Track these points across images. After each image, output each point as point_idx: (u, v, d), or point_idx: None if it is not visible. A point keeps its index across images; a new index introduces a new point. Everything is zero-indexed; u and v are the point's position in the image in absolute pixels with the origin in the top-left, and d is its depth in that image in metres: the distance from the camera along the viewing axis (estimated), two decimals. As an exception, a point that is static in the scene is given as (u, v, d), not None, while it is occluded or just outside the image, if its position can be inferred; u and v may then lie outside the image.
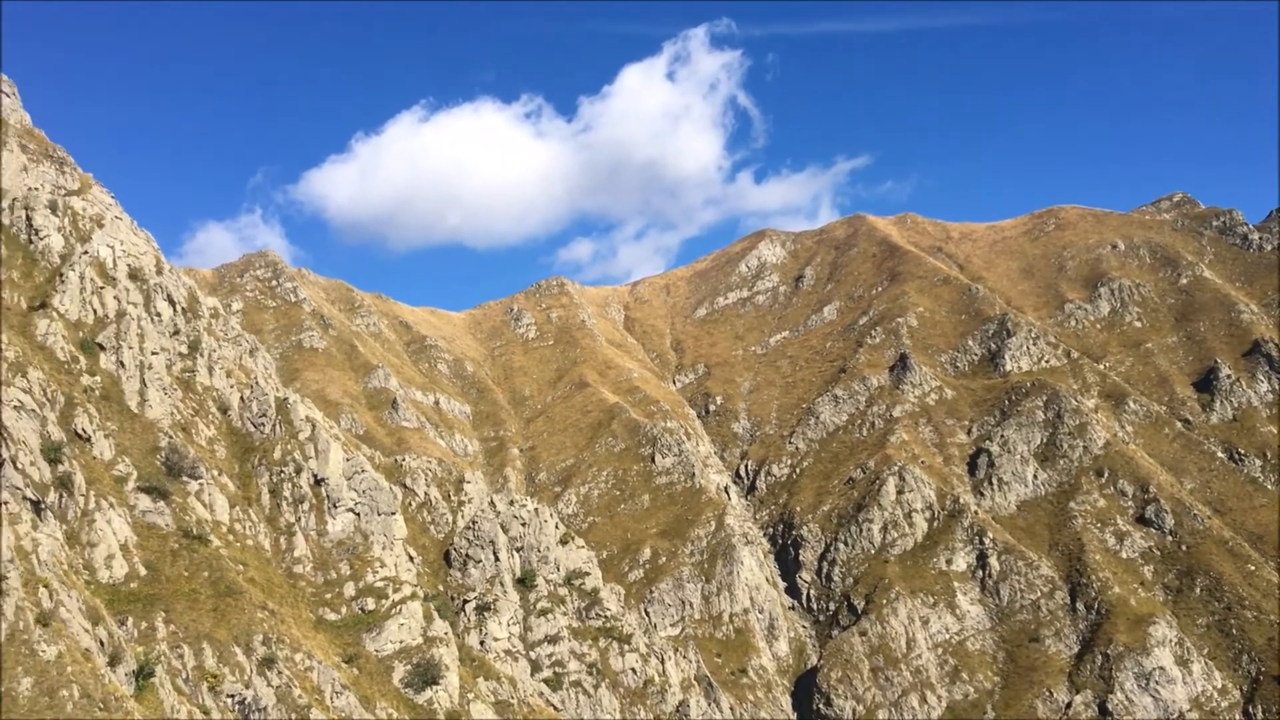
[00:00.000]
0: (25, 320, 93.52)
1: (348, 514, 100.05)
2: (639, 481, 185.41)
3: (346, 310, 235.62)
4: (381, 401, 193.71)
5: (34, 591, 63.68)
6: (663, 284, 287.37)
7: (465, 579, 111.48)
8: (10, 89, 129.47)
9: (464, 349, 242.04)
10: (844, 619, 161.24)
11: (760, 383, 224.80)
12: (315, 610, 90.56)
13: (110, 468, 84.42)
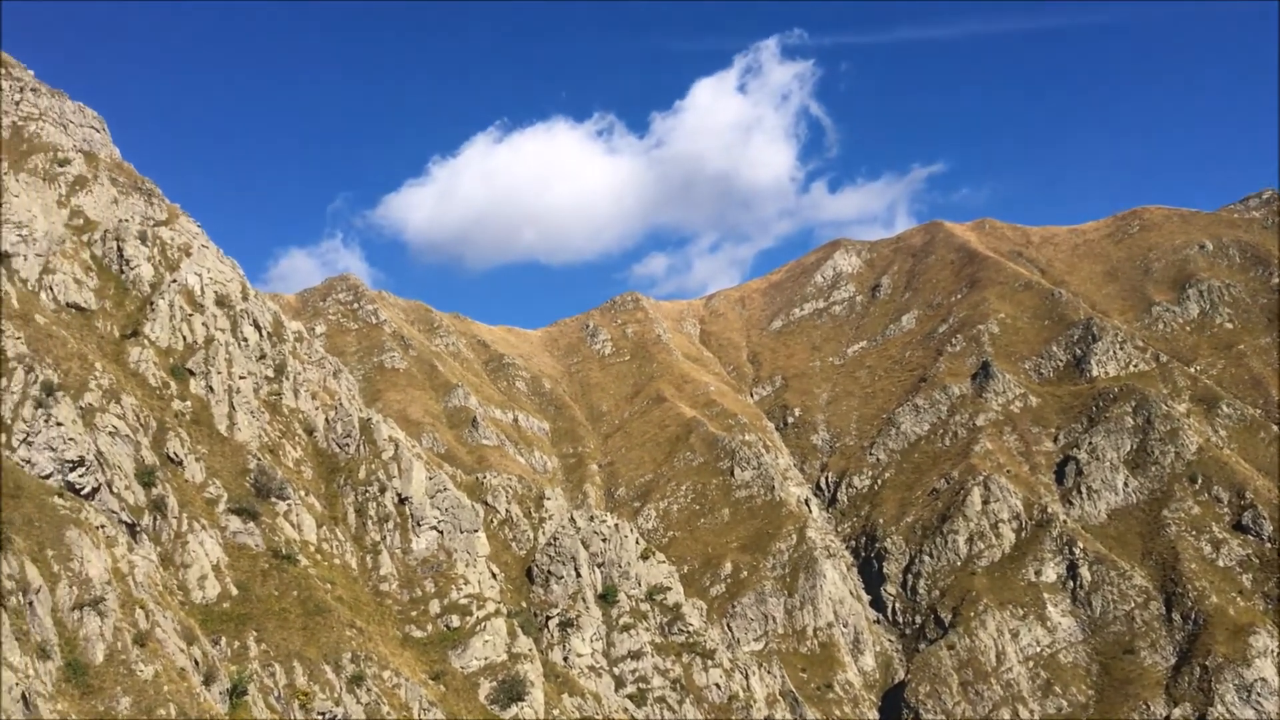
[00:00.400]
0: (118, 348, 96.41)
1: (431, 532, 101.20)
2: (718, 495, 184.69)
3: (426, 331, 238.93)
4: (461, 420, 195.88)
5: (131, 612, 65.42)
6: (737, 297, 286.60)
7: (547, 595, 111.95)
8: (99, 124, 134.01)
9: (541, 366, 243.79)
10: (931, 632, 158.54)
11: (839, 394, 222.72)
12: (401, 628, 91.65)
13: (201, 490, 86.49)
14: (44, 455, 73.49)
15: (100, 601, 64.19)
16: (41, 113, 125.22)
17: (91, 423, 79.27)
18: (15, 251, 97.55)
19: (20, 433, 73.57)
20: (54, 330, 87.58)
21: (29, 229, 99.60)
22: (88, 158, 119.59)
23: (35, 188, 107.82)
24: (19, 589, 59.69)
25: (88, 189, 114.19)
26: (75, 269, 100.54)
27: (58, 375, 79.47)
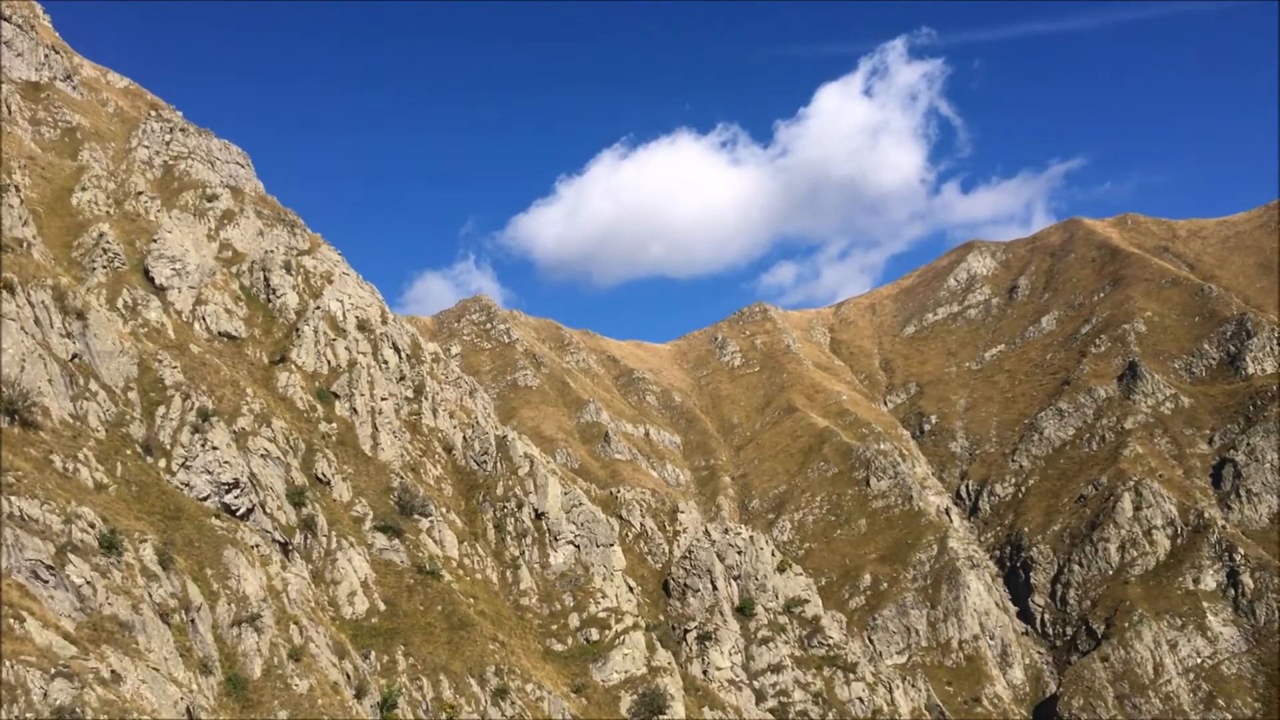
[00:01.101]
0: (267, 374, 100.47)
1: (568, 546, 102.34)
2: (854, 506, 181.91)
3: (556, 348, 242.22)
4: (594, 435, 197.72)
5: (285, 628, 67.86)
6: (867, 303, 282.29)
7: (684, 608, 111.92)
8: (244, 160, 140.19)
9: (671, 380, 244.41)
10: (1083, 644, 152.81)
11: (977, 399, 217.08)
12: (543, 641, 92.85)
13: (349, 509, 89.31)
14: (201, 478, 76.95)
15: (257, 618, 66.79)
16: (190, 151, 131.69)
17: (244, 446, 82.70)
18: (170, 285, 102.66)
19: (179, 457, 77.22)
20: (207, 359, 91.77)
21: (182, 263, 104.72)
22: (234, 192, 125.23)
23: (186, 223, 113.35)
24: (181, 607, 62.54)
25: (235, 222, 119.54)
26: (225, 299, 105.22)
27: (212, 401, 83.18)
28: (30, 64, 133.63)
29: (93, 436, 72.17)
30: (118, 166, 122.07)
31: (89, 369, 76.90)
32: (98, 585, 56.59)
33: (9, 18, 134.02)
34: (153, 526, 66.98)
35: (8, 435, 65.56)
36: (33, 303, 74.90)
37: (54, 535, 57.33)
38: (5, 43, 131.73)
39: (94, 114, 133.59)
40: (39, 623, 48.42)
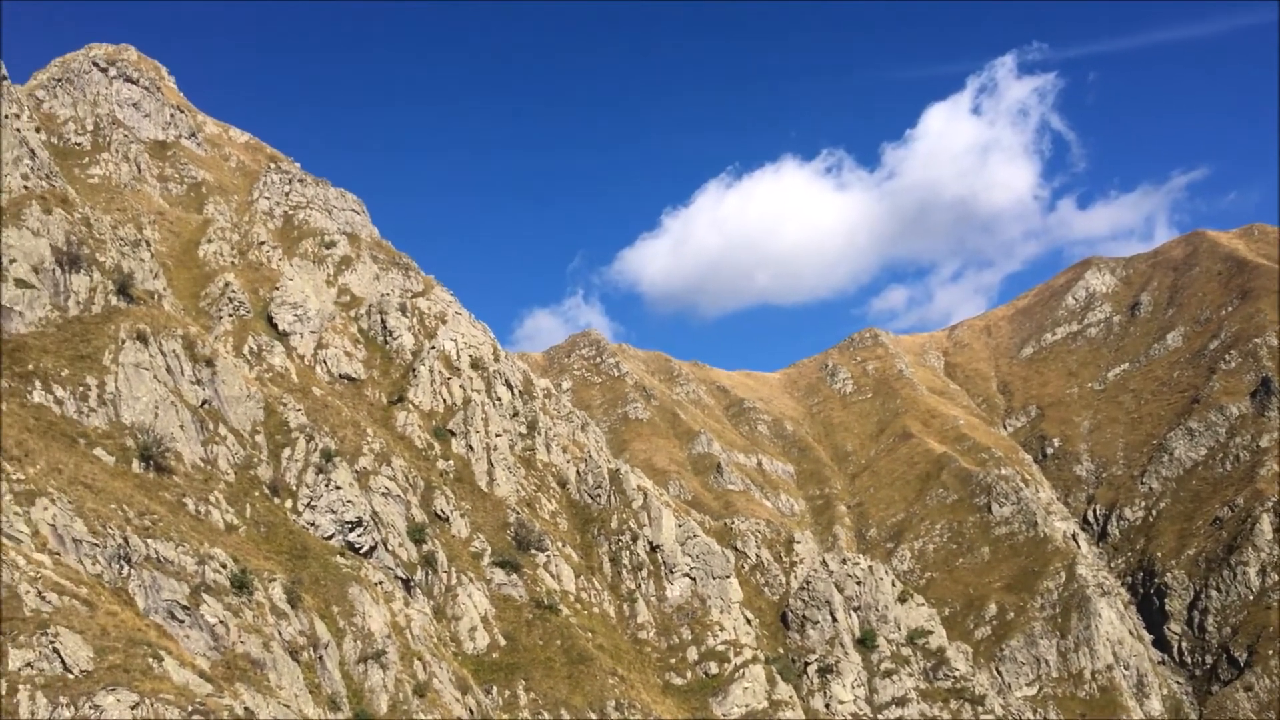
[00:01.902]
0: (386, 413, 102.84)
1: (684, 579, 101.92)
2: (976, 533, 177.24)
3: (666, 380, 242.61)
4: (706, 466, 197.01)
5: (410, 664, 68.93)
6: (982, 325, 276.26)
7: (804, 640, 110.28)
8: (359, 207, 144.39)
9: (782, 409, 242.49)
10: (1224, 673, 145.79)
11: (1101, 420, 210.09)
12: (661, 675, 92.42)
13: (467, 545, 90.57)
14: (326, 518, 78.93)
15: (382, 654, 68.02)
16: (309, 201, 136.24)
17: (366, 485, 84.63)
18: (292, 330, 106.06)
19: (305, 497, 79.37)
20: (329, 400, 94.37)
21: (303, 309, 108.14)
22: (350, 239, 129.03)
23: (306, 270, 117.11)
24: (309, 644, 64.03)
25: (352, 268, 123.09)
26: (345, 342, 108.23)
27: (335, 442, 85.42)
28: (157, 124, 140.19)
29: (223, 479, 74.70)
30: (240, 218, 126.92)
31: (218, 414, 79.74)
32: (230, 624, 58.32)
33: (137, 80, 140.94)
34: (281, 566, 68.86)
35: (144, 480, 68.28)
36: (164, 352, 78.09)
37: (188, 576, 59.35)
38: (134, 104, 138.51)
39: (217, 169, 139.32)
40: (176, 661, 50.04)
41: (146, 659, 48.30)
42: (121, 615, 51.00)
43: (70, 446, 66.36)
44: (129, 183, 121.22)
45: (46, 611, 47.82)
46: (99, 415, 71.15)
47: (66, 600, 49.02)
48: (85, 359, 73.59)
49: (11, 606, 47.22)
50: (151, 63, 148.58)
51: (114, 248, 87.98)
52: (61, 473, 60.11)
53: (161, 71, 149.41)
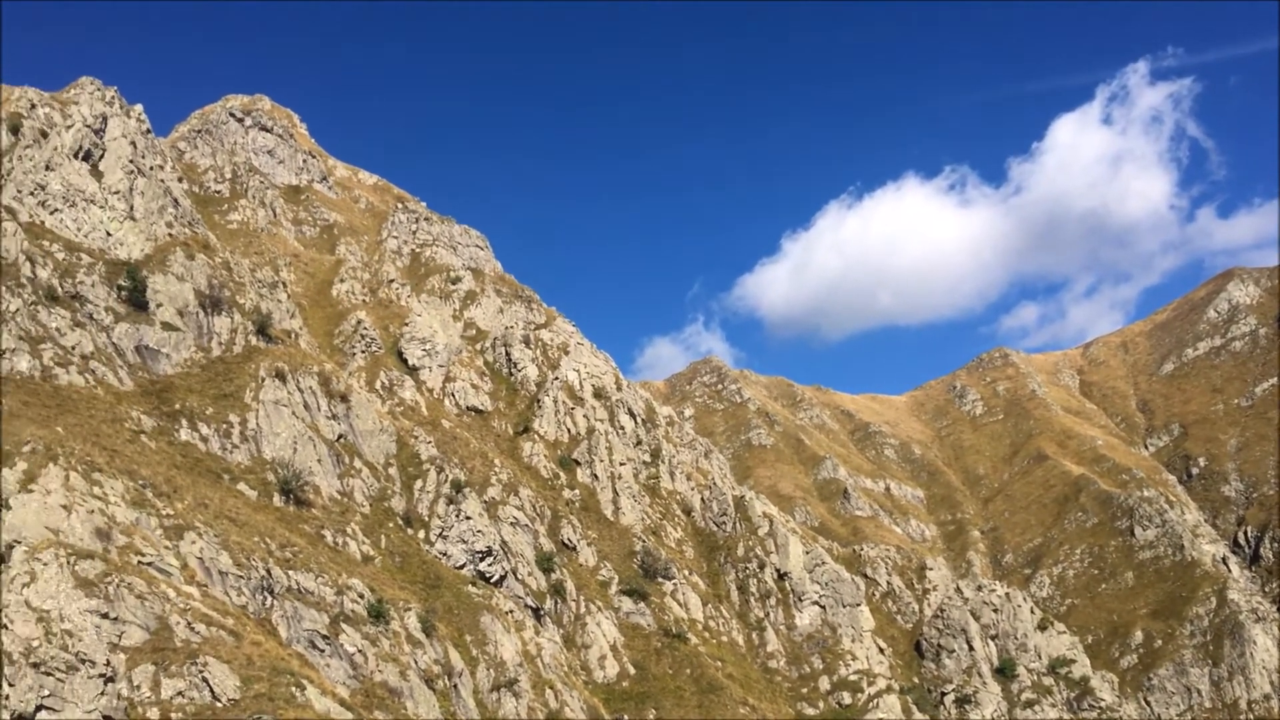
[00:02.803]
0: (512, 444, 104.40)
1: (813, 607, 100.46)
2: (1118, 558, 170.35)
3: (789, 405, 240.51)
4: (832, 492, 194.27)
5: (542, 693, 69.46)
6: (1118, 342, 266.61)
7: (940, 670, 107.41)
8: (483, 243, 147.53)
9: (909, 432, 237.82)
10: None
11: (1250, 438, 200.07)
12: (793, 705, 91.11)
13: (595, 573, 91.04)
14: (457, 547, 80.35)
15: (515, 683, 68.73)
16: (434, 239, 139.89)
17: (495, 515, 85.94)
18: (421, 365, 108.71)
19: (436, 528, 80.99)
20: (458, 432, 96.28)
21: (431, 344, 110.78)
22: (475, 274, 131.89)
23: (434, 306, 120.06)
24: (444, 673, 65.09)
25: (477, 302, 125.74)
26: (472, 375, 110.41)
27: (464, 473, 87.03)
28: (290, 169, 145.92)
29: (359, 511, 76.77)
30: (370, 257, 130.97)
31: (353, 448, 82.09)
32: (368, 653, 59.72)
33: (270, 129, 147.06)
34: (415, 595, 70.30)
35: (285, 513, 70.65)
36: (301, 389, 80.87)
37: (328, 606, 61.03)
38: (268, 152, 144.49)
39: (347, 211, 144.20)
40: (317, 690, 51.42)
41: (290, 688, 49.74)
42: (265, 645, 52.68)
43: (215, 482, 69.12)
44: (265, 227, 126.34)
45: (195, 642, 49.72)
46: (242, 451, 73.97)
47: (214, 631, 50.89)
48: (228, 397, 76.70)
49: (163, 637, 49.24)
50: (284, 111, 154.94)
51: (253, 290, 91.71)
52: (208, 507, 62.59)
53: (294, 119, 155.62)
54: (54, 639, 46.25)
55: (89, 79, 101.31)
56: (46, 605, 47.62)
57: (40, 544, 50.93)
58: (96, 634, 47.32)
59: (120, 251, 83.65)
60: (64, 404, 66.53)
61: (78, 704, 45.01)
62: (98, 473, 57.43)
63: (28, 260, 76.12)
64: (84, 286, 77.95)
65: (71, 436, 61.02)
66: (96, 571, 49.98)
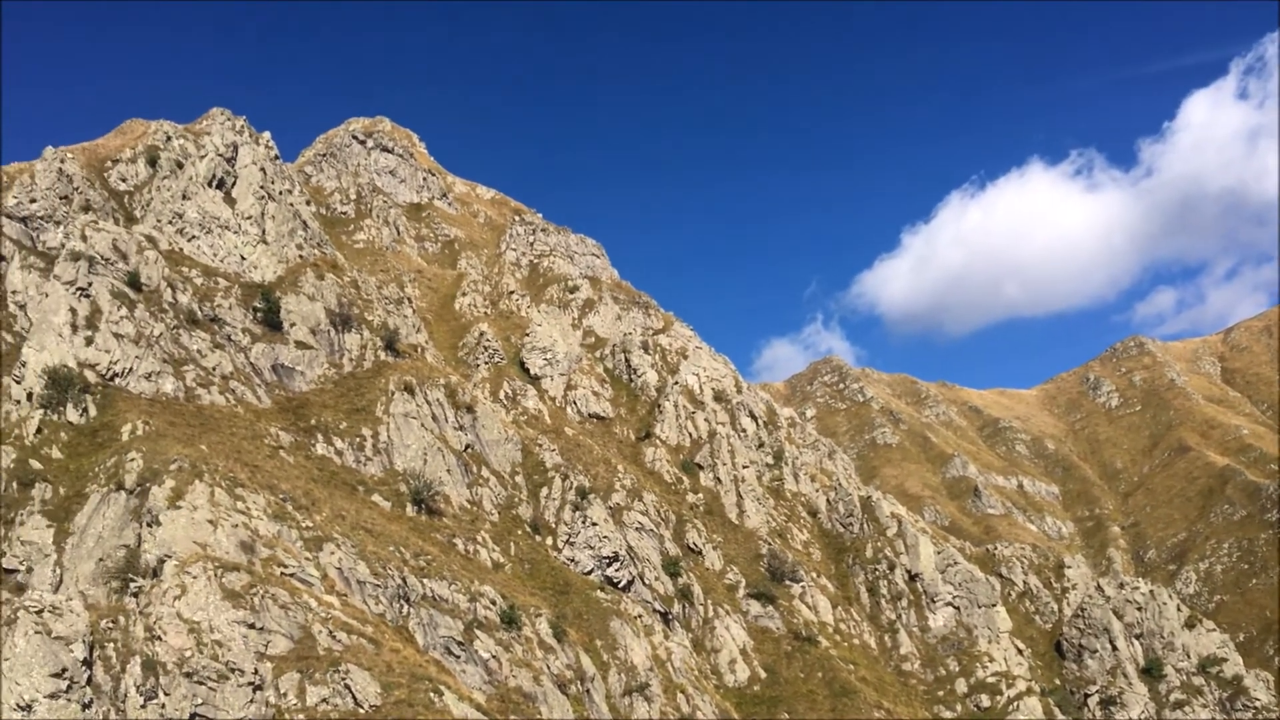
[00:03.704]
0: (634, 450, 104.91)
1: (947, 608, 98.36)
2: (1270, 551, 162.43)
3: (913, 403, 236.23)
4: (962, 490, 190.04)
5: (673, 697, 69.54)
6: (1261, 326, 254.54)
7: (1082, 671, 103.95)
8: (599, 251, 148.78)
9: (1041, 426, 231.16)
10: None
11: None
12: (929, 708, 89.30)
13: (721, 577, 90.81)
14: (584, 553, 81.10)
15: (646, 687, 68.99)
16: (551, 249, 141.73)
17: (620, 520, 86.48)
18: (543, 374, 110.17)
19: (563, 534, 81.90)
20: (581, 439, 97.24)
21: (552, 353, 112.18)
22: (592, 282, 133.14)
23: (553, 315, 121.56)
24: (576, 677, 65.73)
25: (595, 310, 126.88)
26: (592, 383, 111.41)
27: (588, 480, 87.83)
28: (411, 188, 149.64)
29: (487, 519, 78.16)
30: (490, 270, 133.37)
31: (480, 457, 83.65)
32: (502, 659, 60.70)
33: (391, 149, 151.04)
34: (545, 601, 71.20)
35: (417, 523, 72.38)
36: (429, 401, 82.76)
37: (461, 613, 62.26)
38: (390, 172, 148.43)
39: (467, 225, 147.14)
40: (455, 695, 52.47)
41: (428, 694, 50.88)
42: (404, 652, 54.01)
43: (351, 494, 71.22)
44: (389, 245, 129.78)
45: (337, 650, 51.26)
46: (375, 463, 76.07)
47: (354, 639, 52.40)
48: (360, 411, 78.99)
49: (306, 646, 50.91)
50: (404, 131, 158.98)
51: (380, 306, 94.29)
52: (344, 519, 64.51)
53: (413, 139, 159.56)
54: (205, 649, 48.23)
55: (219, 110, 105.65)
56: (197, 616, 49.70)
57: (189, 558, 53.21)
58: (244, 643, 49.17)
59: (254, 274, 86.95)
60: (207, 423, 69.41)
61: (229, 711, 46.85)
62: (240, 488, 59.73)
63: (169, 286, 79.70)
64: (222, 309, 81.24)
65: (215, 454, 63.61)
66: (242, 583, 51.96)
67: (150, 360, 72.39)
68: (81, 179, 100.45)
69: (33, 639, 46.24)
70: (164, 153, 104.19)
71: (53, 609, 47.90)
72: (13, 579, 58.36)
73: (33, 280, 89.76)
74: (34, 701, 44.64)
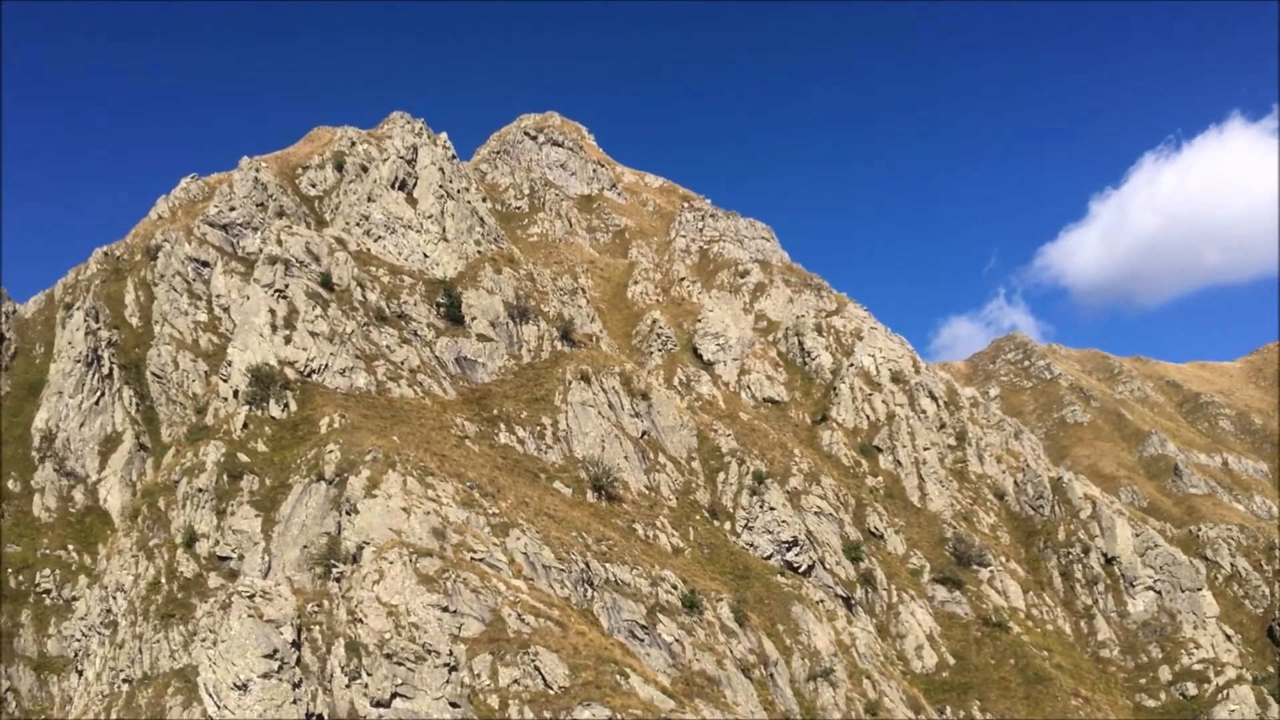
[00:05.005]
0: (810, 433, 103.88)
1: (1147, 593, 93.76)
2: None
3: (1105, 379, 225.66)
4: (1160, 469, 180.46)
5: (859, 683, 68.67)
6: None
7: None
8: (769, 234, 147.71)
9: (1246, 401, 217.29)
10: None
11: None
12: (1130, 697, 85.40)
13: (904, 561, 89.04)
14: (763, 538, 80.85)
15: (830, 673, 68.35)
16: (721, 234, 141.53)
17: (798, 505, 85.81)
18: (716, 359, 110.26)
19: (741, 519, 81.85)
20: (756, 424, 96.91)
21: (724, 338, 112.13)
22: (762, 266, 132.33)
23: (724, 301, 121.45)
24: (759, 662, 65.65)
25: (766, 293, 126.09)
26: (765, 367, 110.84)
27: (764, 464, 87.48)
28: (581, 180, 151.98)
29: (665, 505, 78.84)
30: (661, 258, 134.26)
31: (656, 444, 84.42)
32: (685, 642, 61.18)
33: (561, 143, 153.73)
34: (725, 585, 71.35)
35: (598, 509, 73.64)
36: (605, 389, 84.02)
37: (643, 597, 63.04)
38: (561, 165, 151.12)
39: (636, 214, 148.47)
40: (640, 678, 53.21)
41: (614, 676, 51.76)
42: (589, 635, 55.08)
43: (533, 481, 73.05)
44: (562, 237, 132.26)
45: (526, 632, 52.69)
46: (555, 451, 77.78)
47: (542, 622, 53.75)
48: (539, 401, 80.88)
49: (497, 628, 52.53)
50: (573, 125, 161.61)
51: (555, 298, 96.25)
52: (528, 505, 66.22)
53: (582, 131, 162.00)
54: (403, 631, 50.35)
55: (399, 113, 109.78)
56: (394, 600, 51.93)
57: (385, 544, 55.65)
58: (439, 626, 51.10)
59: (436, 271, 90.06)
60: (397, 415, 72.39)
61: (426, 691, 48.79)
62: (430, 476, 62.06)
63: (358, 285, 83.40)
64: (407, 306, 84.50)
65: (406, 444, 66.27)
66: (435, 568, 54.00)
67: (344, 356, 75.94)
68: (275, 186, 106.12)
69: (246, 622, 49.24)
70: (349, 158, 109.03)
71: (263, 594, 50.90)
72: (225, 565, 62.35)
73: (234, 284, 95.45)
74: (249, 681, 47.57)
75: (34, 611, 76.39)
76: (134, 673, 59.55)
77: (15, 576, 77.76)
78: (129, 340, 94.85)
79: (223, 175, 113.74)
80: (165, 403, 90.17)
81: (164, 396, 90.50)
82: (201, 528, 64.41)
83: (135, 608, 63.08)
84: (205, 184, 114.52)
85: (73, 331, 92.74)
